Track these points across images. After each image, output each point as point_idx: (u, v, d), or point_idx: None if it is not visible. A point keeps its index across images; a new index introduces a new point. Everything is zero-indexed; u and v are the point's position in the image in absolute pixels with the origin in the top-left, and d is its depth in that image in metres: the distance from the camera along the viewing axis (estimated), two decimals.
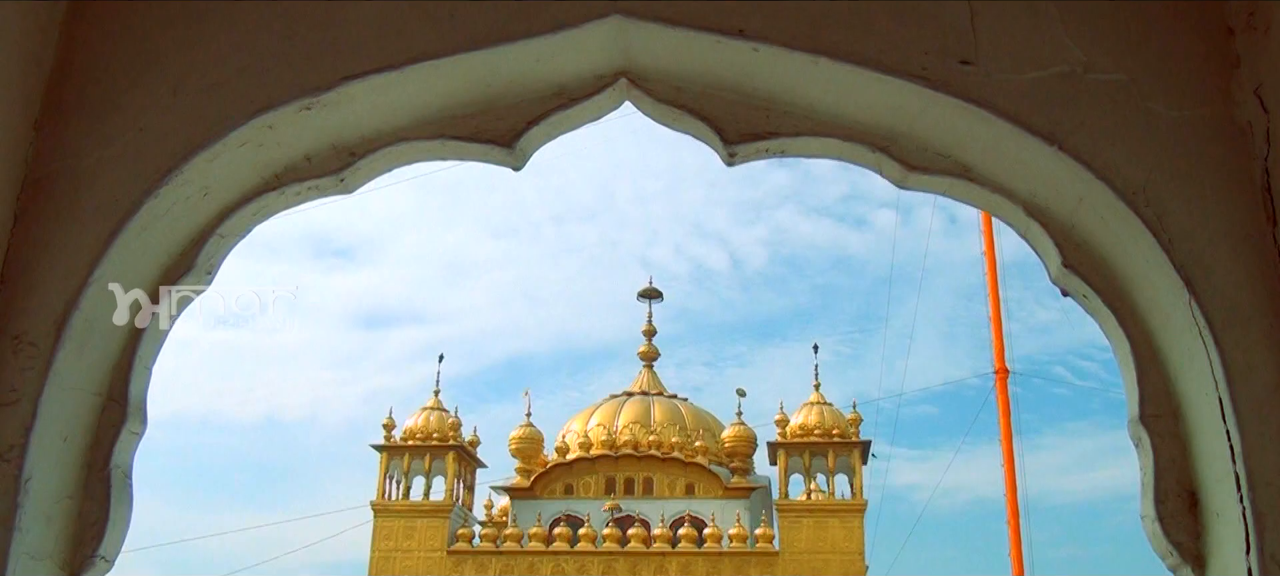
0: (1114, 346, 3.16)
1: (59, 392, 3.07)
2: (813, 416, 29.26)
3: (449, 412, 30.76)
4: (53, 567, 3.09)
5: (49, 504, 3.06)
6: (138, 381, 3.30)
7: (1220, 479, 2.80)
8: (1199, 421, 2.90)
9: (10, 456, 2.97)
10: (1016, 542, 30.16)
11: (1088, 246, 3.13)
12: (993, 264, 31.29)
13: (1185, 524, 2.92)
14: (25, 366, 3.05)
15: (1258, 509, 2.67)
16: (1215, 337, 2.79)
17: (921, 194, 3.42)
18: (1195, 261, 2.87)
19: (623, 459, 31.04)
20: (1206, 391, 2.83)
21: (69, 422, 3.13)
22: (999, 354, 30.71)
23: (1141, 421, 3.01)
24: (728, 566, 28.06)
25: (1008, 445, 30.57)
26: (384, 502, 29.66)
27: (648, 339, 36.06)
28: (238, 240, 3.47)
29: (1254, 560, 2.66)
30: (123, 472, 3.26)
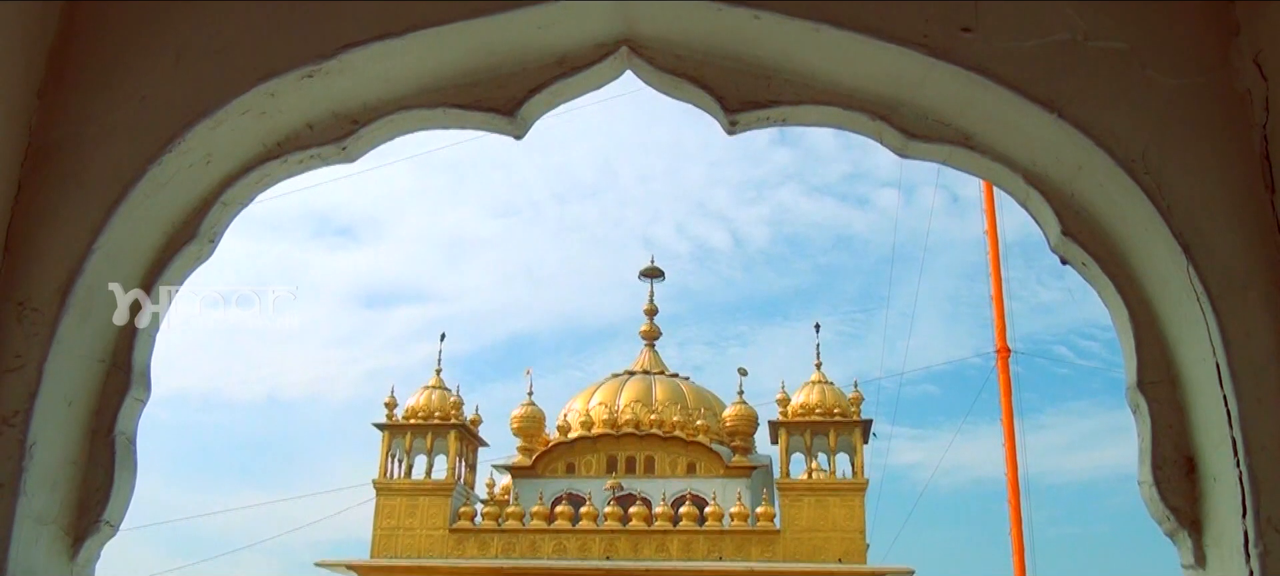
0: (1112, 314, 3.17)
1: (63, 359, 3.09)
2: (814, 395, 29.27)
3: (451, 391, 30.79)
4: (58, 532, 3.11)
5: (54, 469, 3.09)
6: (141, 349, 3.32)
7: (1217, 444, 2.81)
8: (1197, 387, 2.92)
9: (15, 421, 2.99)
10: (1017, 521, 30.23)
11: (1087, 214, 3.14)
12: (995, 243, 31.30)
13: (1182, 488, 2.94)
14: (30, 333, 3.07)
15: (1254, 472, 2.69)
16: (1213, 304, 2.80)
17: (923, 173, 3.46)
18: (1194, 228, 2.88)
19: (624, 437, 31.09)
20: (1204, 357, 2.84)
21: (73, 389, 3.15)
22: (1000, 333, 30.75)
23: (1140, 388, 3.02)
24: (729, 544, 28.12)
25: (1009, 424, 30.62)
26: (386, 481, 29.71)
27: (649, 318, 36.06)
28: (241, 208, 3.49)
29: (1250, 523, 2.68)
30: (127, 439, 3.29)
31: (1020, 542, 30.04)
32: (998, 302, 30.84)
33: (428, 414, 30.15)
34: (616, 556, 28.20)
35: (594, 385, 34.17)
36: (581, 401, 33.18)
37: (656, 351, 35.63)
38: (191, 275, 3.50)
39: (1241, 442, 2.71)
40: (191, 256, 3.39)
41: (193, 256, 3.40)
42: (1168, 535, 3.03)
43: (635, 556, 28.15)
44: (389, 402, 30.43)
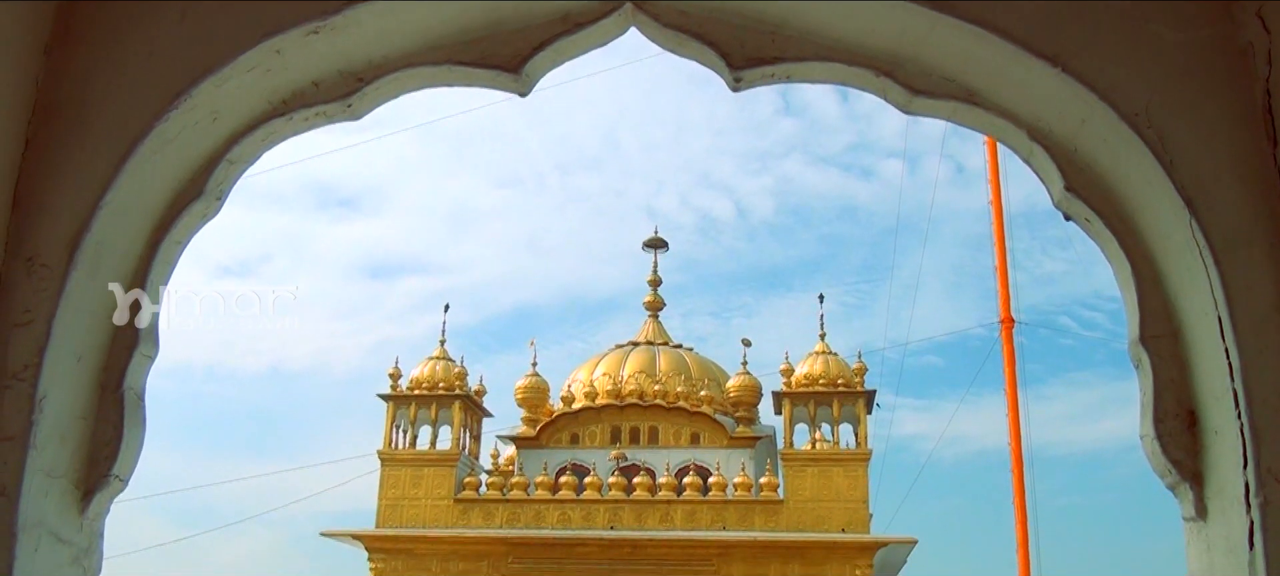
0: (1115, 270, 3.19)
1: (72, 314, 3.12)
2: (818, 366, 29.26)
3: (455, 362, 30.81)
4: (67, 486, 3.14)
5: (63, 423, 3.11)
6: (149, 306, 3.34)
7: (1219, 397, 2.83)
8: (1198, 341, 2.93)
9: (25, 376, 3.02)
10: (1020, 491, 30.29)
11: (1090, 170, 3.15)
12: (999, 213, 31.25)
13: (1184, 442, 2.96)
14: (38, 288, 3.09)
15: (1255, 425, 2.71)
16: (1215, 258, 2.82)
17: (928, 144, 3.49)
18: (1196, 182, 2.89)
19: (628, 408, 31.13)
20: (1206, 311, 2.86)
21: (82, 344, 3.18)
22: (1004, 303, 30.73)
23: (1142, 342, 3.04)
24: (732, 514, 28.19)
25: (1012, 395, 30.64)
26: (391, 452, 29.78)
27: (653, 289, 36.04)
28: (247, 166, 3.50)
29: (1251, 474, 2.70)
30: (135, 395, 3.32)
31: (1023, 512, 30.12)
32: (1002, 273, 30.85)
33: (432, 385, 30.18)
34: (620, 526, 28.28)
35: (598, 356, 34.20)
36: (585, 372, 33.21)
37: (660, 322, 35.63)
38: (197, 233, 3.52)
39: (1243, 395, 2.73)
40: (198, 214, 3.41)
41: (199, 214, 3.41)
42: (1169, 488, 3.06)
43: (639, 526, 28.23)
44: (393, 373, 30.46)
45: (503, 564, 28.18)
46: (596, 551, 28.07)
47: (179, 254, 3.45)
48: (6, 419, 2.99)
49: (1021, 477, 30.43)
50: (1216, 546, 2.88)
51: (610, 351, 34.10)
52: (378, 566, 28.70)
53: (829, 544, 27.35)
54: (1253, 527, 2.68)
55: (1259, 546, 2.66)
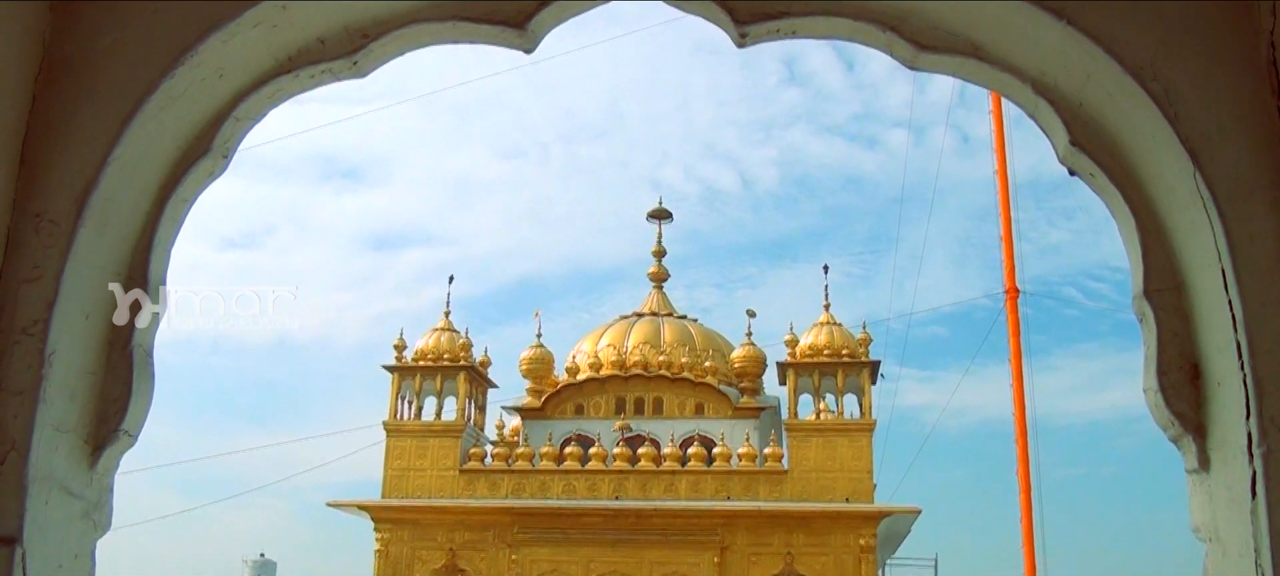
0: (1119, 225, 3.19)
1: (80, 271, 3.13)
2: (822, 337, 29.28)
3: (460, 333, 30.84)
4: (77, 441, 3.17)
5: (72, 379, 3.13)
6: (157, 263, 3.36)
7: (1222, 348, 2.84)
8: (1202, 294, 2.94)
9: (34, 331, 3.04)
10: (1024, 462, 30.35)
11: (1095, 124, 3.15)
12: (1004, 183, 31.21)
13: (1187, 394, 2.98)
14: (47, 244, 3.10)
15: (1258, 375, 2.72)
16: (1219, 210, 2.82)
17: (934, 113, 3.49)
18: (1201, 135, 2.89)
19: (633, 379, 31.19)
20: (1210, 264, 2.87)
21: (91, 300, 3.19)
22: (1009, 273, 30.70)
23: (1146, 296, 3.05)
24: (737, 485, 28.27)
25: (1017, 365, 30.67)
26: (396, 422, 29.86)
27: (657, 260, 36.03)
28: (253, 124, 3.51)
29: (1253, 425, 2.71)
30: (144, 351, 3.33)
31: (1027, 483, 30.18)
32: (1007, 243, 30.81)
33: (437, 356, 30.24)
34: (625, 496, 28.38)
35: (602, 327, 34.24)
36: (590, 343, 33.25)
37: (665, 293, 35.65)
38: (205, 192, 3.53)
39: (1246, 346, 2.74)
40: (205, 171, 3.42)
41: (206, 171, 3.42)
42: (1172, 441, 3.07)
43: (644, 496, 28.33)
44: (398, 344, 30.51)
45: (508, 534, 28.30)
46: (601, 521, 28.18)
47: (186, 212, 3.46)
48: (16, 373, 3.01)
49: (1025, 448, 30.52)
50: (1219, 497, 2.90)
51: (615, 322, 34.13)
52: (384, 536, 28.83)
53: (833, 514, 27.44)
54: (1255, 477, 2.70)
55: (1261, 495, 2.67)
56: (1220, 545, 2.90)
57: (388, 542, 28.78)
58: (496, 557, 28.38)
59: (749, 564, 27.66)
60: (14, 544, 2.92)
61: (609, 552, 28.11)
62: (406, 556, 28.69)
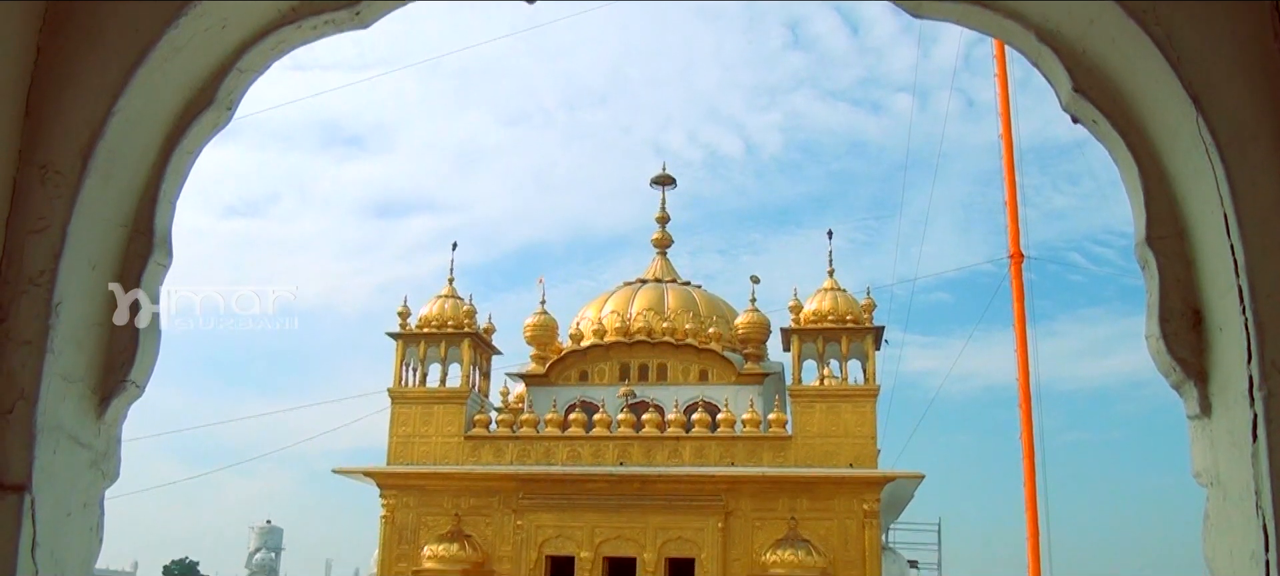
0: (1122, 172, 3.20)
1: (87, 221, 3.14)
2: (826, 303, 29.27)
3: (463, 300, 30.86)
4: (85, 390, 3.19)
5: (80, 329, 3.15)
6: (163, 214, 3.37)
7: (1223, 293, 2.85)
8: (1204, 239, 2.95)
9: (41, 281, 3.05)
10: (1028, 427, 30.39)
11: (1098, 71, 3.15)
12: (1009, 147, 31.09)
13: (1189, 341, 2.99)
14: (52, 195, 3.12)
15: (1259, 319, 2.73)
16: (1222, 154, 2.83)
17: (938, 77, 3.49)
18: (1203, 80, 2.89)
19: (637, 345, 31.23)
20: (1212, 209, 2.87)
21: (97, 251, 3.21)
22: (1014, 238, 30.65)
23: (1148, 243, 3.06)
24: (741, 450, 28.34)
25: (1021, 330, 30.67)
26: (401, 389, 29.92)
27: (661, 226, 35.99)
28: (257, 75, 3.51)
29: (1254, 368, 2.72)
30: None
31: (1031, 448, 30.24)
32: (1012, 207, 30.72)
33: (441, 322, 30.27)
34: (630, 462, 28.46)
35: (606, 293, 34.24)
36: (594, 309, 33.27)
37: (668, 259, 35.64)
38: (209, 144, 3.54)
39: (1247, 290, 2.75)
40: (209, 123, 3.43)
41: (210, 123, 3.43)
42: (1174, 387, 3.09)
43: (648, 462, 28.41)
44: (402, 311, 30.54)
45: (513, 499, 28.40)
46: (605, 487, 28.27)
47: (190, 164, 3.47)
48: (24, 323, 3.03)
49: (1029, 413, 30.54)
50: (1220, 441, 2.91)
51: (618, 289, 34.14)
52: (389, 502, 28.95)
53: (836, 479, 27.51)
54: (1256, 420, 2.71)
55: (1262, 438, 2.69)
56: (1221, 489, 2.92)
57: (393, 508, 28.90)
58: (502, 523, 28.50)
59: (753, 529, 27.76)
60: (23, 491, 2.95)
61: (613, 518, 28.22)
62: (412, 522, 28.82)
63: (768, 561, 26.96)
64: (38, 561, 2.98)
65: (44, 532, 3.00)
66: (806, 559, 26.83)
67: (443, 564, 27.88)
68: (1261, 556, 2.68)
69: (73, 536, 3.15)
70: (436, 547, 28.09)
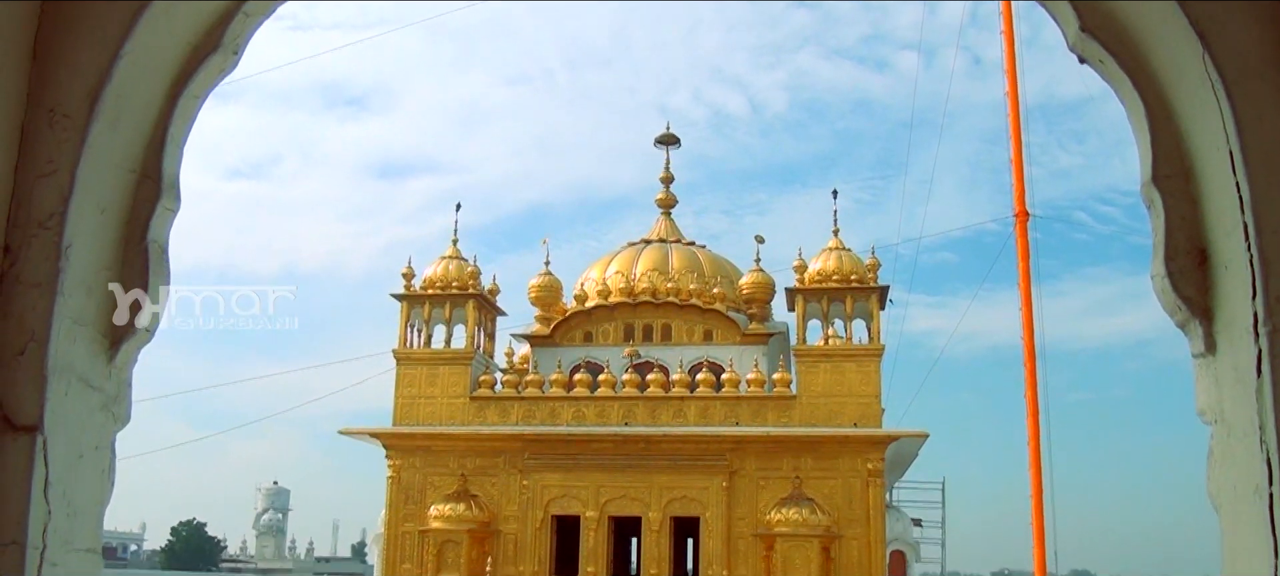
0: (1129, 112, 3.20)
1: (95, 166, 3.15)
2: (831, 262, 29.25)
3: (468, 261, 30.87)
4: (95, 334, 3.21)
5: (89, 273, 3.17)
6: (170, 159, 3.38)
7: (1229, 231, 2.86)
8: (1210, 178, 2.96)
9: (50, 224, 3.07)
10: (1033, 387, 30.40)
11: (1104, 9, 3.15)
12: (1015, 104, 30.91)
13: (1194, 279, 3.00)
14: (61, 139, 3.13)
15: (1264, 254, 2.74)
16: (1228, 91, 2.83)
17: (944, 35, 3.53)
18: (1208, 16, 2.89)
19: (641, 306, 31.25)
20: (1218, 147, 2.88)
21: (106, 196, 3.22)
22: (1019, 196, 30.52)
23: (1154, 182, 3.06)
24: (745, 410, 28.41)
25: (1026, 289, 30.59)
26: (406, 351, 29.99)
27: (665, 186, 35.93)
28: (262, 19, 3.51)
29: (1259, 304, 2.73)
30: (159, 247, 3.36)
31: (1035, 408, 30.26)
32: (1017, 165, 30.58)
33: (445, 284, 30.30)
34: (634, 422, 28.56)
35: (610, 254, 34.23)
36: (598, 270, 33.27)
37: (673, 220, 35.61)
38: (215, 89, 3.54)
39: (1253, 226, 2.76)
40: (215, 68, 3.43)
41: (216, 68, 3.43)
42: (1179, 326, 3.10)
43: (653, 422, 28.50)
44: (407, 273, 30.57)
45: (519, 460, 28.52)
46: (611, 447, 28.38)
47: (197, 109, 3.48)
48: (34, 266, 3.04)
49: (1034, 372, 30.53)
50: (1225, 378, 2.93)
51: (623, 249, 34.13)
52: (396, 463, 29.08)
53: (841, 438, 27.60)
54: (1260, 356, 2.73)
55: (1266, 373, 2.70)
56: (1226, 425, 2.94)
57: (400, 469, 29.03)
58: (507, 483, 28.63)
59: (757, 488, 27.88)
60: (35, 432, 2.97)
61: (618, 477, 28.34)
62: (418, 482, 28.95)
63: (772, 520, 27.09)
64: (50, 501, 3.00)
65: (56, 473, 3.03)
66: (811, 517, 26.95)
67: (449, 523, 28.03)
68: (1265, 490, 2.70)
69: (85, 477, 3.17)
70: (443, 507, 28.23)
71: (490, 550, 27.94)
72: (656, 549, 27.96)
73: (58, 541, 3.02)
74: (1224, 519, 2.96)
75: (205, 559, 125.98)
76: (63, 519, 3.05)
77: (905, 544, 30.47)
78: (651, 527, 28.02)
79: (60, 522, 3.04)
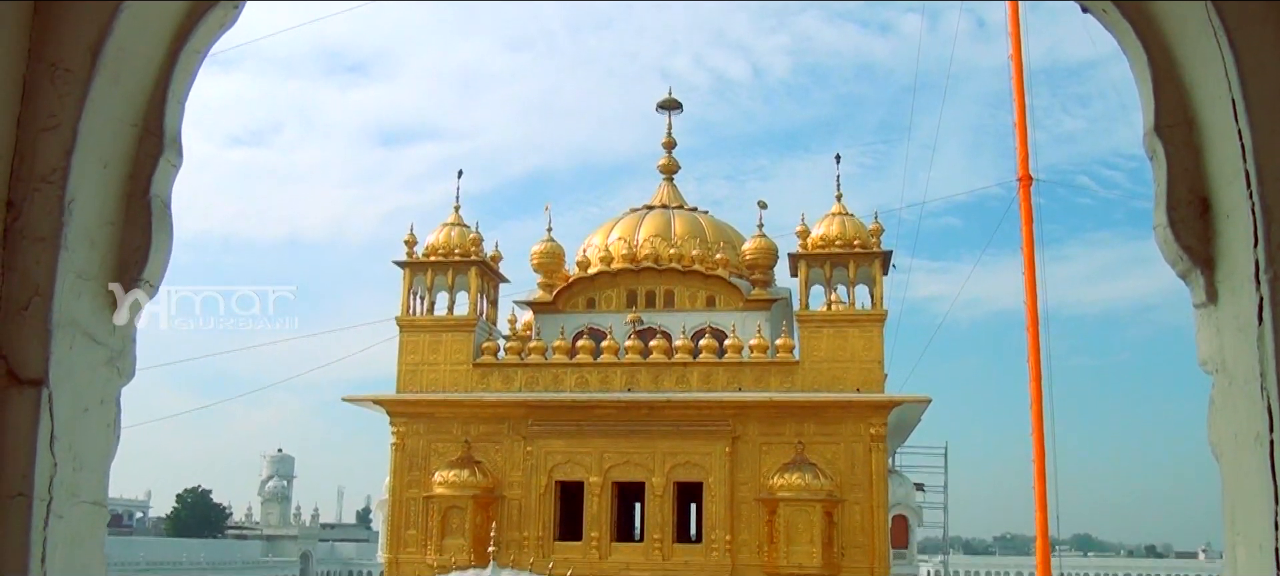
0: (1131, 62, 3.19)
1: (97, 120, 3.16)
2: (834, 228, 29.21)
3: (470, 228, 30.85)
4: (99, 288, 3.22)
5: (92, 227, 3.18)
6: (172, 114, 3.38)
7: (1231, 180, 2.86)
8: (1212, 127, 2.95)
9: (53, 178, 3.08)
10: (1035, 352, 30.44)
11: None
12: (1019, 67, 30.80)
13: (1196, 229, 3.00)
14: (62, 93, 3.13)
15: (1266, 202, 2.74)
16: (1230, 38, 2.82)
17: None
18: None
19: (644, 272, 31.24)
20: (1220, 95, 2.87)
21: (108, 150, 3.22)
22: (1023, 160, 30.44)
23: (1157, 132, 3.06)
24: (748, 375, 28.45)
25: (1029, 255, 30.58)
26: (409, 318, 30.02)
27: (667, 152, 35.83)
28: None
29: (1261, 252, 2.74)
30: (162, 202, 3.37)
31: (1038, 373, 30.31)
32: (1021, 129, 30.48)
33: (448, 251, 30.30)
34: (637, 388, 28.61)
35: (613, 220, 34.19)
36: (600, 237, 33.26)
37: (675, 185, 35.54)
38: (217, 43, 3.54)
39: (1254, 174, 2.76)
40: (216, 21, 3.42)
41: (217, 21, 3.43)
42: (1181, 276, 3.10)
43: (656, 388, 28.56)
44: (409, 240, 30.56)
45: (522, 426, 28.61)
46: (614, 413, 28.45)
47: (199, 64, 3.48)
48: (37, 220, 3.05)
49: (1036, 338, 30.56)
50: (1226, 327, 2.94)
51: (625, 215, 34.10)
52: (400, 430, 29.18)
53: (843, 403, 27.65)
54: (1262, 303, 2.73)
55: (1268, 321, 2.71)
56: (1227, 375, 2.95)
57: (404, 436, 29.13)
58: (511, 449, 28.73)
59: (760, 453, 27.96)
60: (41, 385, 2.99)
61: (622, 443, 28.43)
62: (423, 449, 29.06)
63: (775, 485, 27.18)
64: (56, 454, 3.02)
65: (62, 426, 3.04)
66: (813, 482, 27.03)
67: (453, 489, 28.15)
68: (1266, 437, 2.72)
69: (90, 431, 3.19)
70: (447, 473, 28.34)
71: (494, 515, 28.04)
72: (660, 514, 28.08)
73: (64, 493, 3.04)
74: (1225, 467, 2.97)
75: (211, 526, 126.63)
76: (69, 471, 3.07)
77: (908, 508, 30.57)
78: (655, 493, 28.13)
79: (66, 475, 3.06)
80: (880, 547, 27.47)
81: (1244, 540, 2.85)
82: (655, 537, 28.01)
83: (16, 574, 2.90)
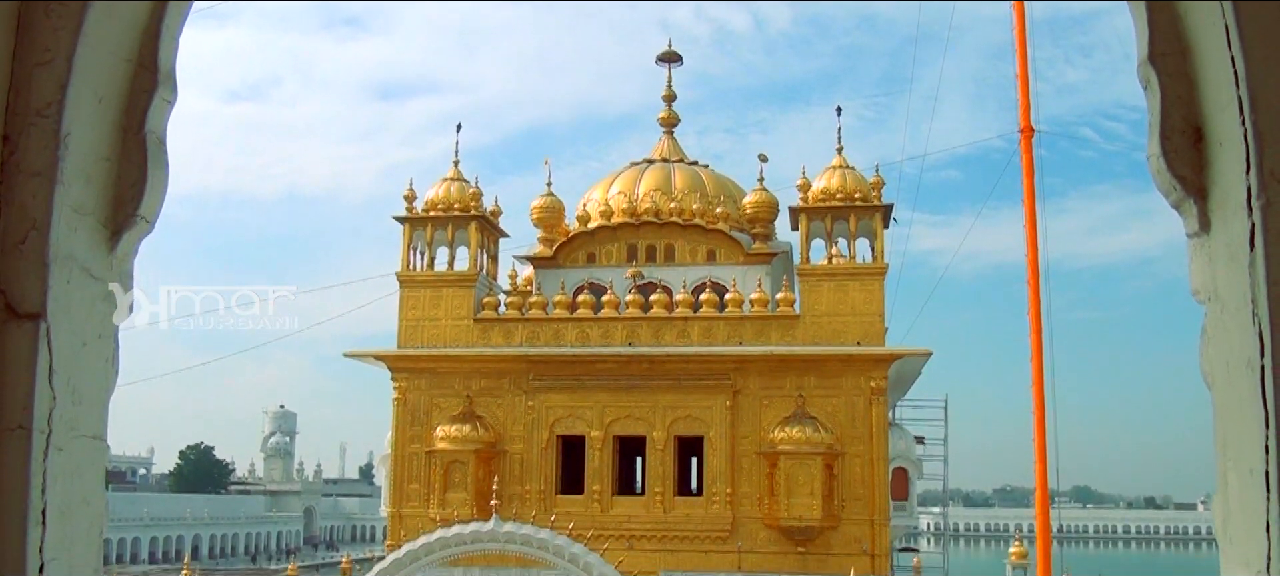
0: None
1: (92, 54, 3.16)
2: (835, 181, 29.22)
3: (469, 183, 30.86)
4: (95, 224, 3.23)
5: (88, 163, 3.18)
6: (166, 49, 3.38)
7: (1224, 107, 2.86)
8: (1206, 55, 2.95)
9: (48, 112, 3.08)
10: (1036, 305, 30.44)
11: None
12: (1021, 17, 30.65)
13: (1189, 158, 3.01)
14: (58, 27, 3.13)
15: (1258, 128, 2.74)
16: None
17: None
18: None
19: (644, 226, 31.28)
20: (1214, 21, 2.87)
21: (103, 84, 3.22)
22: (1025, 112, 30.29)
23: (1151, 61, 3.06)
24: (749, 330, 28.54)
25: (1031, 207, 30.51)
26: (409, 273, 30.09)
27: (667, 105, 35.74)
28: None
29: (1253, 178, 2.74)
30: (157, 138, 3.37)
31: (1038, 326, 30.32)
32: (1023, 79, 30.31)
33: (447, 205, 30.32)
34: (638, 342, 28.71)
35: (613, 174, 34.19)
36: (600, 191, 33.26)
37: (675, 139, 35.49)
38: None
39: (1247, 101, 2.76)
40: None
41: None
42: (1174, 206, 3.11)
43: (657, 342, 28.66)
44: (408, 195, 30.57)
45: (523, 381, 28.74)
46: (614, 367, 28.57)
47: None
48: (33, 155, 3.06)
49: (1037, 291, 30.55)
50: (1218, 255, 2.94)
51: (625, 169, 34.09)
52: (401, 385, 29.31)
53: (844, 357, 27.76)
54: (1253, 230, 2.74)
55: (1259, 246, 2.72)
56: (1219, 303, 2.96)
57: (405, 391, 29.26)
58: (513, 403, 28.87)
59: (761, 407, 28.10)
60: (39, 319, 3.00)
61: (623, 398, 28.57)
62: (424, 404, 29.21)
63: (775, 438, 27.32)
64: (55, 388, 3.04)
65: (61, 360, 3.06)
66: (814, 435, 27.17)
67: (455, 444, 28.30)
68: (1257, 362, 2.73)
69: (89, 365, 3.21)
70: (449, 428, 28.49)
71: (496, 470, 28.21)
72: (661, 467, 28.24)
73: (63, 426, 3.07)
74: (1217, 394, 2.99)
75: (214, 482, 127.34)
76: (68, 405, 3.09)
77: (908, 461, 30.71)
78: (656, 447, 28.27)
79: (65, 409, 3.08)
80: (880, 500, 27.64)
81: (1235, 465, 2.87)
82: (656, 491, 28.18)
83: (17, 504, 2.93)
